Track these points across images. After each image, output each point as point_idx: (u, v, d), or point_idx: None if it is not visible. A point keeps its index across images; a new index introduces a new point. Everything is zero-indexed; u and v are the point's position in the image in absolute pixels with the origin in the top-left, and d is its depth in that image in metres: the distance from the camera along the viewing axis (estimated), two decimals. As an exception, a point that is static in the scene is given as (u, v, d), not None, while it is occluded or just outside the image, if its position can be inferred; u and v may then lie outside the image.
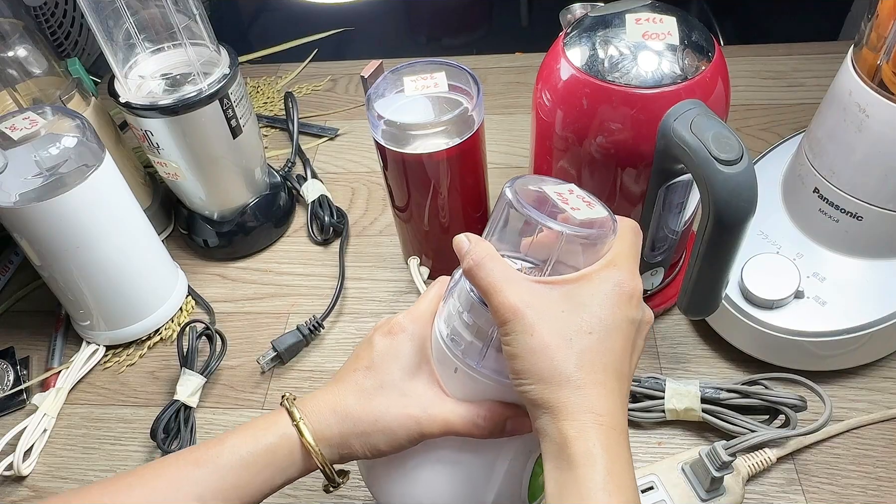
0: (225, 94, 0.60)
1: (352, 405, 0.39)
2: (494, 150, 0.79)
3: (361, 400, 0.39)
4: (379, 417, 0.38)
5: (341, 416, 0.39)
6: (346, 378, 0.40)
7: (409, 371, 0.39)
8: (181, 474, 0.38)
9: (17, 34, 0.63)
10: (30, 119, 0.54)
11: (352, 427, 0.38)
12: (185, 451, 0.39)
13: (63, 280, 0.59)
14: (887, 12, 0.45)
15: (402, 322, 0.40)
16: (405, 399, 0.38)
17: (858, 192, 0.50)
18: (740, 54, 0.86)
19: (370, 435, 0.38)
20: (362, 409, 0.38)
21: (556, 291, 0.34)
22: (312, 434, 0.38)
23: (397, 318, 0.41)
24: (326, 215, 0.72)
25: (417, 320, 0.40)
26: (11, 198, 0.52)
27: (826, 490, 0.50)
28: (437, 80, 0.55)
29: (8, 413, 0.61)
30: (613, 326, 0.33)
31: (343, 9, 0.77)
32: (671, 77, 0.43)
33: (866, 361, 0.55)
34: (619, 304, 0.33)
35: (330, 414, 0.39)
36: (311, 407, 0.39)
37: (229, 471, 0.37)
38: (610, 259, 0.34)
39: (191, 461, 0.38)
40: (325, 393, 0.40)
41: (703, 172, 0.41)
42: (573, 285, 0.34)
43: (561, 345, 0.32)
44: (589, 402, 0.31)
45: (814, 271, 0.53)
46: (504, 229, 0.36)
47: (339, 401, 0.39)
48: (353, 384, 0.39)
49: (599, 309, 0.33)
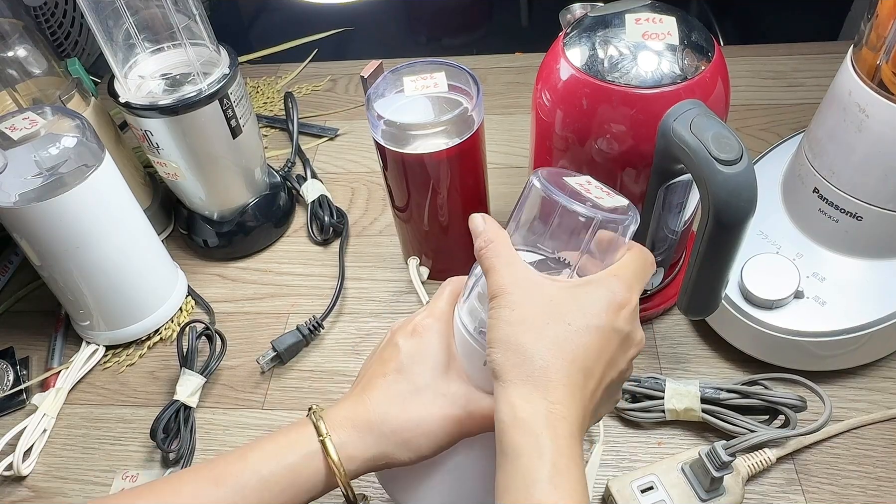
0: (225, 94, 0.60)
1: (388, 413, 0.37)
2: (494, 150, 0.79)
3: (397, 406, 0.37)
4: (420, 422, 0.37)
5: (379, 426, 0.37)
6: (376, 384, 0.39)
7: (440, 371, 0.38)
8: (199, 493, 0.36)
9: (17, 34, 0.63)
10: (29, 119, 0.54)
11: (390, 436, 0.37)
12: (204, 467, 0.38)
13: (63, 280, 0.59)
14: (887, 12, 0.45)
15: (426, 321, 0.39)
16: (442, 400, 0.37)
17: (858, 192, 0.50)
18: (740, 54, 0.86)
19: (411, 441, 0.37)
20: (401, 416, 0.37)
21: (553, 285, 0.34)
22: (337, 451, 0.37)
23: (419, 319, 0.40)
24: (326, 215, 0.72)
25: (440, 318, 0.40)
26: (11, 198, 0.52)
27: (826, 490, 0.50)
28: (436, 80, 0.55)
29: (8, 413, 0.61)
30: (595, 327, 0.33)
31: (343, 9, 0.77)
32: (671, 77, 0.43)
33: (866, 361, 0.55)
34: (608, 311, 0.33)
35: (363, 425, 0.37)
36: (339, 420, 0.38)
37: (250, 491, 0.36)
38: (613, 269, 0.35)
39: (210, 479, 0.37)
40: (353, 402, 0.38)
41: (703, 172, 0.41)
42: (570, 284, 0.34)
43: (536, 323, 0.32)
44: (545, 387, 0.31)
45: (813, 271, 0.53)
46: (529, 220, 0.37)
47: (371, 410, 0.38)
48: (386, 390, 0.38)
49: (586, 307, 0.33)
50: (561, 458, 0.30)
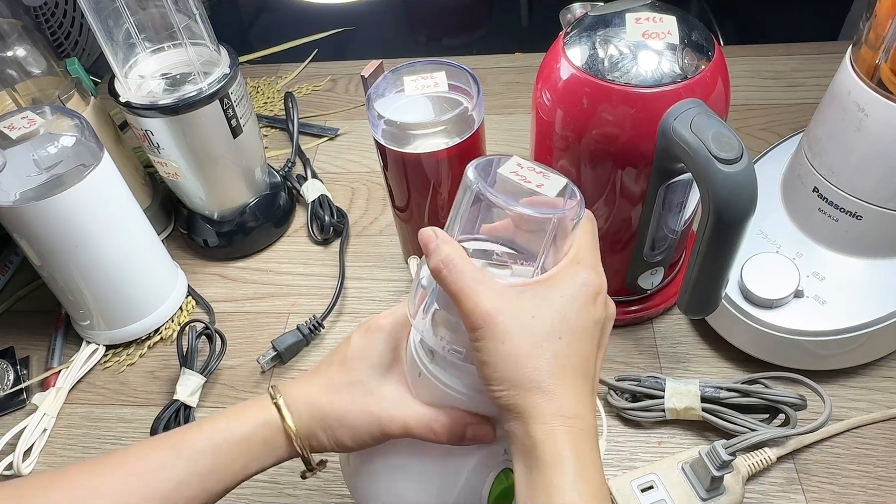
0: (225, 94, 0.60)
1: (321, 399, 0.40)
2: (494, 149, 0.79)
3: (330, 394, 0.40)
4: (344, 413, 0.39)
5: (312, 408, 0.40)
6: (321, 372, 0.41)
7: (379, 370, 0.40)
8: (158, 458, 0.38)
9: (17, 34, 0.63)
10: (28, 118, 0.54)
11: (320, 420, 0.39)
12: (163, 436, 0.40)
13: (63, 280, 0.59)
14: (885, 12, 0.45)
15: (381, 322, 0.41)
16: (370, 397, 0.39)
17: (858, 191, 0.50)
18: (740, 54, 0.86)
19: (335, 429, 0.39)
20: (330, 404, 0.39)
21: (526, 295, 0.33)
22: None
23: (377, 318, 0.41)
24: (326, 215, 0.72)
25: (396, 321, 0.41)
26: (10, 197, 0.52)
27: (826, 489, 0.50)
28: (437, 80, 0.55)
29: (8, 413, 0.61)
30: (581, 329, 0.33)
31: (343, 9, 0.77)
32: (671, 76, 0.43)
33: (866, 361, 0.55)
34: (586, 306, 0.34)
35: (302, 405, 0.40)
36: (289, 397, 0.40)
37: (203, 457, 0.38)
38: (573, 256, 0.34)
39: (168, 446, 0.39)
40: (301, 384, 0.41)
41: (703, 172, 0.41)
42: (542, 287, 0.34)
43: (532, 352, 0.32)
44: (558, 406, 0.32)
45: (813, 270, 0.53)
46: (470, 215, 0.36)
47: (310, 392, 0.40)
48: (326, 378, 0.40)
49: (567, 312, 0.33)
50: (583, 466, 0.31)
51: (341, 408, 0.39)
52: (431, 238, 0.36)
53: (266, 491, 0.54)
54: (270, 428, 0.39)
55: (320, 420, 0.39)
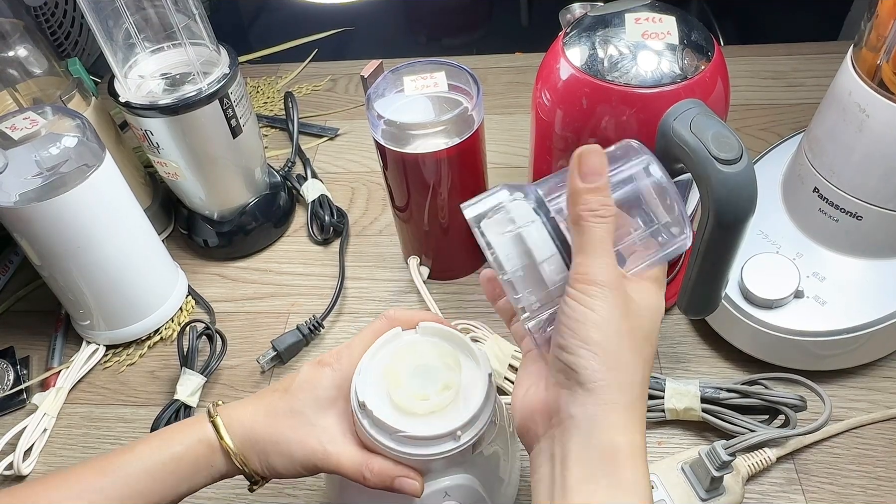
0: (225, 94, 0.60)
1: (259, 422, 0.40)
2: (494, 149, 0.79)
3: (269, 419, 0.40)
4: (281, 440, 0.39)
5: (248, 430, 0.40)
6: (263, 397, 0.42)
7: (322, 403, 0.40)
8: (86, 483, 0.39)
9: (18, 34, 0.63)
10: (30, 119, 0.54)
11: (254, 443, 0.40)
12: (93, 460, 0.40)
13: (63, 280, 0.59)
14: (887, 12, 0.45)
15: (331, 357, 0.41)
16: (310, 428, 0.40)
17: (858, 191, 0.50)
18: (740, 54, 0.86)
19: (269, 455, 0.40)
20: (268, 428, 0.40)
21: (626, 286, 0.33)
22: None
23: (330, 352, 0.42)
24: (326, 215, 0.72)
25: (347, 358, 0.41)
26: (11, 198, 0.52)
27: (826, 490, 0.50)
28: (436, 80, 0.55)
29: (8, 413, 0.61)
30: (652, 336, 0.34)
31: (343, 9, 0.77)
32: (671, 76, 0.43)
33: (866, 361, 0.55)
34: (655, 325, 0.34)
35: (238, 425, 0.40)
36: (227, 417, 0.41)
37: (133, 479, 0.39)
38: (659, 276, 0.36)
39: (96, 470, 0.39)
40: (241, 405, 0.42)
41: (703, 172, 0.41)
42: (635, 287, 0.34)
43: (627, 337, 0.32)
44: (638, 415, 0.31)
45: (813, 271, 0.53)
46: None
47: (249, 415, 0.41)
48: (267, 403, 0.41)
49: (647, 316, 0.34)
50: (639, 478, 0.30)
51: (279, 434, 0.40)
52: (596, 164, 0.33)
53: (266, 491, 0.54)
54: (203, 446, 0.40)
55: (254, 443, 0.40)
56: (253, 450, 0.40)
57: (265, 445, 0.40)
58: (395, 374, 0.40)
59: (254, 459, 0.40)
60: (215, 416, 0.41)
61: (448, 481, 0.39)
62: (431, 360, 0.41)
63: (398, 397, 0.39)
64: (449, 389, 0.39)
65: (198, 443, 0.40)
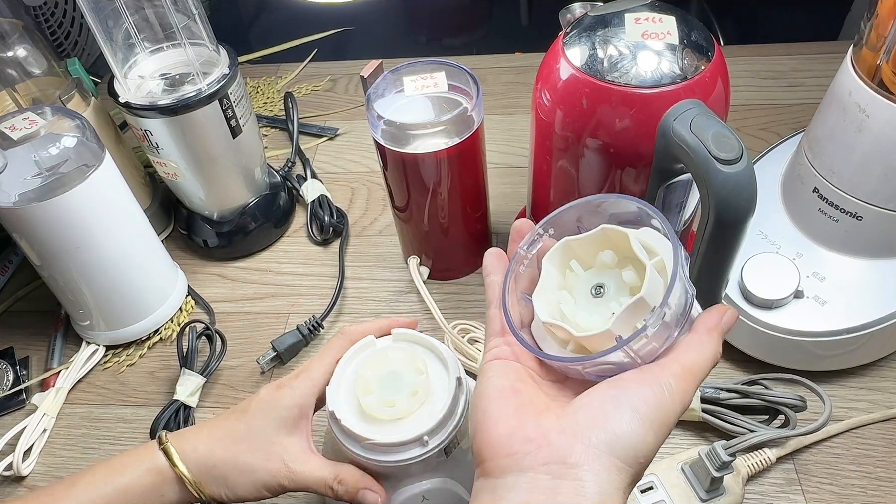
0: (224, 94, 0.60)
1: (217, 447, 0.40)
2: (494, 150, 0.79)
3: (227, 443, 0.40)
4: (239, 462, 0.39)
5: (204, 455, 0.39)
6: (219, 422, 0.41)
7: (282, 424, 0.40)
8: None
9: (17, 34, 0.63)
10: (29, 119, 0.54)
11: (210, 468, 0.39)
12: (35, 494, 0.40)
13: (63, 280, 0.59)
14: (887, 12, 0.45)
15: (293, 382, 0.41)
16: (272, 447, 0.39)
17: (858, 191, 0.50)
18: (740, 54, 0.86)
19: (228, 478, 0.39)
20: (225, 453, 0.39)
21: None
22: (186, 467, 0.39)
23: (288, 377, 0.42)
24: (326, 215, 0.72)
25: (306, 378, 0.41)
26: (11, 198, 0.52)
27: (826, 490, 0.50)
28: (436, 80, 0.55)
29: (8, 413, 0.61)
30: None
31: (343, 9, 0.77)
32: (671, 77, 0.43)
33: (866, 361, 0.55)
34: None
35: (192, 452, 0.40)
36: (180, 444, 0.40)
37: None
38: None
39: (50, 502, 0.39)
40: (196, 431, 0.41)
41: (703, 172, 0.41)
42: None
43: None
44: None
45: (813, 271, 0.53)
46: None
47: (204, 441, 0.40)
48: (224, 427, 0.41)
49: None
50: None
51: (239, 456, 0.39)
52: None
53: (266, 491, 0.54)
54: (153, 475, 0.39)
55: (212, 468, 0.39)
56: (211, 475, 0.39)
57: (225, 469, 0.39)
58: (365, 382, 0.40)
59: (212, 485, 0.39)
60: (167, 442, 0.40)
61: (427, 484, 0.40)
62: (401, 367, 0.41)
63: (367, 405, 0.39)
64: (416, 395, 0.39)
65: (146, 472, 0.39)
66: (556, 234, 0.35)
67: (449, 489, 0.40)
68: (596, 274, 0.34)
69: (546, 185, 0.53)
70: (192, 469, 0.39)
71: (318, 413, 0.45)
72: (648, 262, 0.31)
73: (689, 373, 0.30)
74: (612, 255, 0.34)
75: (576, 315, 0.33)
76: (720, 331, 0.31)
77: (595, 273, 0.34)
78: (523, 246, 0.35)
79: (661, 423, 0.28)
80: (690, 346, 0.31)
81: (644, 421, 0.28)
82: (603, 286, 0.34)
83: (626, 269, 0.33)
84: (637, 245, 0.32)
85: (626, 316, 0.31)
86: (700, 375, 0.30)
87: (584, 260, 0.35)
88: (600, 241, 0.34)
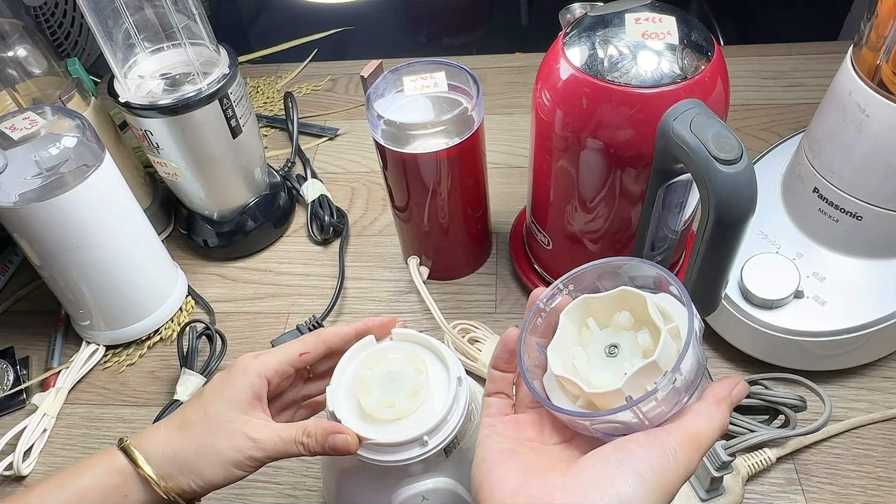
0: (224, 94, 0.60)
1: (174, 438, 0.39)
2: (494, 150, 0.79)
3: (185, 431, 0.39)
4: (200, 447, 0.38)
5: (165, 449, 0.39)
6: (173, 417, 0.41)
7: (237, 405, 0.39)
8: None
9: (17, 34, 0.63)
10: (29, 119, 0.54)
11: (173, 460, 0.38)
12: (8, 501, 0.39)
13: (63, 280, 0.59)
14: (887, 12, 0.45)
15: (247, 363, 0.41)
16: (229, 426, 0.38)
17: (858, 191, 0.50)
18: (740, 54, 0.86)
19: (193, 466, 0.38)
20: (184, 442, 0.39)
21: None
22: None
23: (243, 357, 0.41)
24: (326, 215, 0.72)
25: (262, 364, 0.41)
26: (11, 198, 0.52)
27: (826, 490, 0.50)
28: (436, 80, 0.55)
29: (8, 413, 0.61)
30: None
31: (343, 9, 0.77)
32: (671, 77, 0.43)
33: (866, 361, 0.55)
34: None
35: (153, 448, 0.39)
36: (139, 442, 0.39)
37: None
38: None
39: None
40: (154, 429, 0.40)
41: (703, 172, 0.41)
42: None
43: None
44: None
45: (813, 271, 0.53)
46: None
47: (163, 436, 0.39)
48: (181, 416, 0.40)
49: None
50: None
51: (199, 440, 0.38)
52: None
53: (266, 491, 0.54)
54: (113, 475, 0.38)
55: (175, 459, 0.38)
56: (175, 465, 0.38)
57: (188, 457, 0.38)
58: (365, 382, 0.40)
59: (178, 477, 0.38)
60: (127, 442, 0.39)
61: (427, 484, 0.40)
62: (401, 367, 0.41)
63: (366, 404, 0.39)
64: (416, 395, 0.39)
65: (106, 473, 0.38)
66: (576, 290, 0.36)
67: (449, 489, 0.40)
68: (612, 334, 0.35)
69: (546, 185, 0.53)
70: (154, 465, 0.38)
71: (318, 414, 0.44)
72: (664, 326, 0.32)
73: (695, 441, 0.30)
74: (628, 317, 0.35)
75: (588, 372, 0.34)
76: (729, 402, 0.32)
77: (611, 333, 0.35)
78: (543, 299, 0.36)
79: (665, 489, 0.29)
80: (699, 414, 0.31)
81: (648, 486, 0.28)
82: (617, 346, 0.35)
83: (641, 331, 0.34)
84: (654, 309, 0.33)
85: (638, 377, 0.31)
86: (706, 444, 0.30)
87: (601, 319, 0.36)
88: (618, 302, 0.35)
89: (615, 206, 0.50)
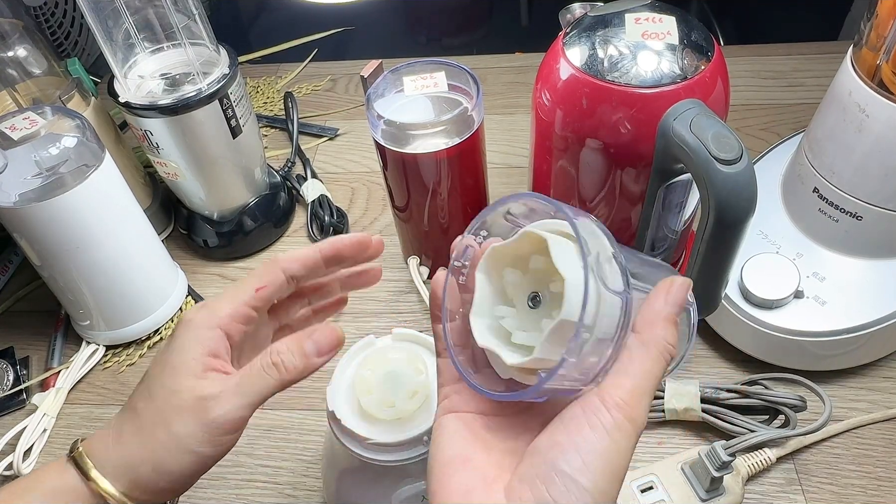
0: (224, 94, 0.60)
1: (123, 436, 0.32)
2: (494, 150, 0.79)
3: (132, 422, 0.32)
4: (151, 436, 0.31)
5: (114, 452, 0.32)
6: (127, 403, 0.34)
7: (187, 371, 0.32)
8: None
9: (17, 34, 0.63)
10: (29, 119, 0.54)
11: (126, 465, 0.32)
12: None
13: (63, 280, 0.59)
14: (887, 12, 0.45)
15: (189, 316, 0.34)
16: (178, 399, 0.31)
17: (858, 191, 0.50)
18: (740, 54, 0.86)
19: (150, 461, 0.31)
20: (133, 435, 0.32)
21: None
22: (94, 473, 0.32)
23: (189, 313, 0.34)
24: (326, 215, 0.72)
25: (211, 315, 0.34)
26: (11, 198, 0.52)
27: (826, 490, 0.50)
28: (436, 80, 0.55)
29: (8, 413, 0.61)
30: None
31: (343, 9, 0.77)
32: (671, 77, 0.43)
33: (866, 361, 0.55)
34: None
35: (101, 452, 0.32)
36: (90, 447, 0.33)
37: None
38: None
39: None
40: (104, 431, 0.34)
41: (703, 172, 0.41)
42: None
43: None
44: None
45: (813, 271, 0.53)
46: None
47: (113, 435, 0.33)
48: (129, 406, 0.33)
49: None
50: None
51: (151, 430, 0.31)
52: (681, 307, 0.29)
53: (266, 491, 0.54)
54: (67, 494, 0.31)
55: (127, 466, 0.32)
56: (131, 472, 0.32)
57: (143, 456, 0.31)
58: (365, 382, 0.40)
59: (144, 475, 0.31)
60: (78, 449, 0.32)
61: None
62: (401, 367, 0.41)
63: (367, 405, 0.39)
64: (416, 395, 0.39)
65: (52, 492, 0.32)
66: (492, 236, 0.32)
67: None
68: (534, 280, 0.30)
69: (546, 185, 0.53)
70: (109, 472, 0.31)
71: (318, 413, 0.44)
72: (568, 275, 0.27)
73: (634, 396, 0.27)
74: (542, 261, 0.29)
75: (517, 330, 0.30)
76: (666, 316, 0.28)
77: (532, 280, 0.30)
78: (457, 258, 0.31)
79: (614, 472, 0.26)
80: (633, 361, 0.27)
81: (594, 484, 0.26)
82: (538, 294, 0.30)
83: (554, 278, 0.29)
84: (557, 251, 0.28)
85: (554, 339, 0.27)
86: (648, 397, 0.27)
87: (519, 265, 0.31)
88: (527, 246, 0.30)
89: (615, 206, 0.51)
